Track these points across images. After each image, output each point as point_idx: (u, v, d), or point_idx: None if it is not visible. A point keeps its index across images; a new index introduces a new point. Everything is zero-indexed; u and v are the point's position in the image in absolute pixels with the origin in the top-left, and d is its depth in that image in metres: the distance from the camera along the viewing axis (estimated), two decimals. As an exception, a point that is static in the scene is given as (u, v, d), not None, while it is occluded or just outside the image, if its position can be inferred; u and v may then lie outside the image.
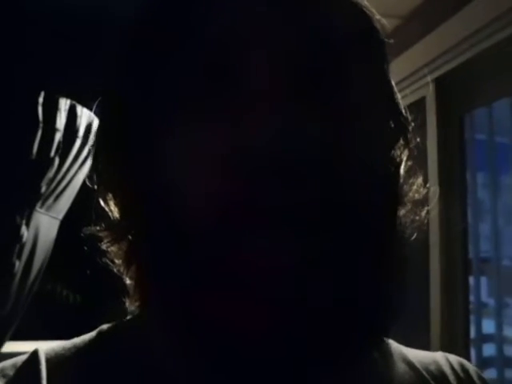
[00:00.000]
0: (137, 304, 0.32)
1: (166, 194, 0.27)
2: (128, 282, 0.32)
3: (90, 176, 0.33)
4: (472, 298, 1.30)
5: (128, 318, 0.34)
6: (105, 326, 0.33)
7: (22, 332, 1.40)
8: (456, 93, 1.30)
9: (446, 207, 1.28)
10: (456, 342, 1.26)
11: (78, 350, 0.31)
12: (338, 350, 0.28)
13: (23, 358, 0.30)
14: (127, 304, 0.33)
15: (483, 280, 1.34)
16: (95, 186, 0.32)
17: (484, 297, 1.33)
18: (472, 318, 1.30)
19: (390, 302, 0.30)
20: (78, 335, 0.33)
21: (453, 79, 1.28)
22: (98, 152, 0.33)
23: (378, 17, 0.31)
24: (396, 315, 0.30)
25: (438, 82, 1.30)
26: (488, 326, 1.33)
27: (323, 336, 0.26)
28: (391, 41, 0.32)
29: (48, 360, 0.30)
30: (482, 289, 1.32)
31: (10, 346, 1.44)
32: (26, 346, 1.69)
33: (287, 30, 0.27)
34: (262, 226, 0.25)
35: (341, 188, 0.27)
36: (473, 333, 1.30)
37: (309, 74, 0.27)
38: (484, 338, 1.34)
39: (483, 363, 1.35)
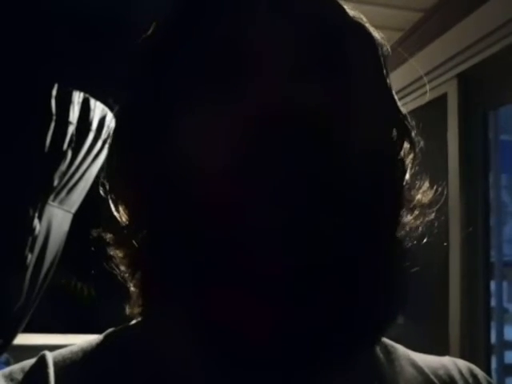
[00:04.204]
0: (139, 310, 0.33)
1: (173, 194, 0.28)
2: (132, 288, 0.33)
3: (102, 183, 0.33)
4: (493, 303, 1.26)
5: (133, 322, 0.34)
6: (111, 330, 0.33)
7: (37, 324, 1.41)
8: (480, 89, 1.25)
9: (468, 210, 1.24)
10: (476, 348, 1.22)
11: (86, 354, 0.31)
12: (339, 349, 0.28)
13: (31, 362, 0.31)
14: (128, 310, 0.33)
15: (505, 285, 1.30)
16: (106, 192, 0.33)
17: (505, 302, 1.29)
18: (493, 323, 1.25)
19: (391, 300, 0.30)
20: (91, 328, 0.33)
21: (477, 75, 1.24)
22: (111, 156, 0.33)
23: (377, 32, 0.34)
24: (397, 314, 0.30)
25: (461, 78, 1.26)
26: (510, 333, 1.29)
27: (324, 338, 0.27)
28: (390, 53, 0.34)
29: (56, 364, 0.30)
30: (504, 294, 1.28)
31: (24, 338, 1.45)
32: (39, 339, 1.72)
33: (286, 23, 0.29)
34: (263, 219, 0.25)
35: (341, 162, 0.27)
36: (494, 339, 1.25)
37: (307, 60, 0.29)
38: (506, 345, 1.31)
39: (505, 370, 1.31)
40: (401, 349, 0.36)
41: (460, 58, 1.22)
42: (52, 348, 0.32)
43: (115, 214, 0.33)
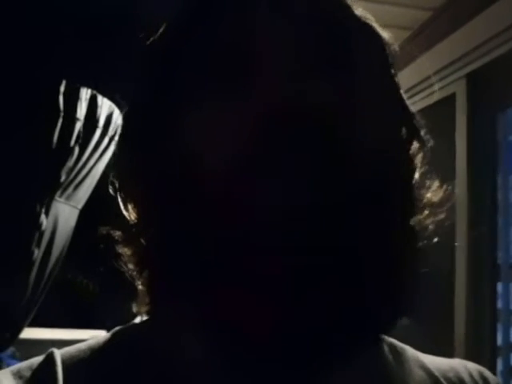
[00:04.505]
0: (146, 308, 0.33)
1: (181, 193, 0.28)
2: (140, 287, 0.33)
3: (111, 182, 0.33)
4: (500, 304, 1.25)
5: (140, 320, 0.34)
6: (119, 328, 0.34)
7: (42, 318, 1.42)
8: (489, 90, 1.24)
9: (475, 211, 1.23)
10: (482, 350, 1.21)
11: (94, 352, 0.31)
12: (339, 348, 0.28)
13: (39, 359, 0.31)
14: (135, 308, 0.33)
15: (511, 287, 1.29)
16: (116, 191, 0.33)
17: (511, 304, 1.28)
18: (499, 325, 1.24)
19: (398, 303, 0.30)
20: (96, 323, 0.33)
21: (486, 75, 1.22)
22: (120, 155, 0.34)
23: (384, 32, 0.34)
24: (403, 314, 0.30)
25: (470, 78, 1.25)
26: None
27: (326, 337, 0.27)
28: (398, 52, 0.34)
29: (63, 362, 0.30)
30: (510, 296, 1.27)
31: (30, 332, 1.46)
32: (45, 333, 1.73)
33: (292, 23, 0.29)
34: (264, 218, 0.25)
35: (347, 159, 0.27)
36: (500, 341, 1.25)
37: (313, 59, 0.29)
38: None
39: (510, 372, 1.31)
40: (410, 350, 0.36)
41: (469, 58, 1.21)
42: (57, 342, 0.32)
43: (124, 212, 0.33)
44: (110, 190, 0.34)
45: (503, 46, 1.12)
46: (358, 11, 0.33)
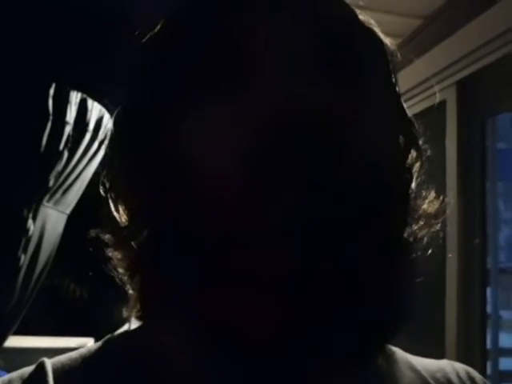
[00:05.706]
0: (138, 314, 0.32)
1: (175, 195, 0.28)
2: (130, 291, 0.32)
3: (102, 182, 0.33)
4: (489, 309, 1.26)
5: (132, 328, 0.34)
6: (110, 336, 0.33)
7: (28, 325, 1.40)
8: (478, 97, 1.25)
9: (465, 216, 1.24)
10: (472, 354, 1.22)
11: (85, 361, 0.31)
12: (340, 352, 0.28)
13: (30, 369, 0.30)
14: (126, 313, 0.33)
15: (500, 292, 1.30)
16: (106, 192, 0.33)
17: (500, 309, 1.29)
18: (488, 330, 1.25)
19: (395, 307, 0.30)
20: (83, 330, 0.32)
21: (476, 82, 1.24)
22: (112, 156, 0.33)
23: (384, 37, 0.34)
24: (402, 320, 0.30)
25: (460, 85, 1.26)
26: (505, 340, 1.30)
27: (324, 339, 0.27)
28: (398, 58, 0.34)
29: (55, 371, 0.30)
30: (499, 300, 1.28)
31: (16, 341, 1.44)
32: (31, 341, 1.70)
33: (296, 24, 0.29)
34: (265, 219, 0.25)
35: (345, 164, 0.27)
36: (489, 346, 1.25)
37: (315, 61, 0.29)
38: (501, 352, 1.31)
39: (500, 377, 1.32)
40: (399, 352, 0.36)
41: (459, 65, 1.23)
42: (43, 351, 0.32)
43: (115, 214, 0.32)
44: (101, 191, 0.33)
45: (493, 54, 1.14)
46: (362, 17, 0.32)
